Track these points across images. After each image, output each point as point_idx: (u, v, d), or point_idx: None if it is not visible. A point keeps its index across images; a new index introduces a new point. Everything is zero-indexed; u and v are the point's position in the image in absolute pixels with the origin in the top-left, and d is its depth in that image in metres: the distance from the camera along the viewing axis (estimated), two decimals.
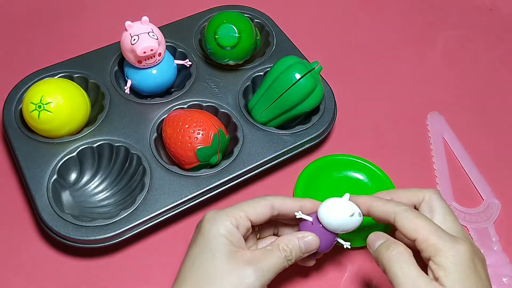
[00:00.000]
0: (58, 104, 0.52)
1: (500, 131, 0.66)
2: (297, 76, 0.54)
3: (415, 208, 0.46)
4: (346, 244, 0.47)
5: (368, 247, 0.45)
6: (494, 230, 0.56)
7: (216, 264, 0.42)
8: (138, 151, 0.55)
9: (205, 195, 0.53)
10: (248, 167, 0.55)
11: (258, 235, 0.49)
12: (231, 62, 0.61)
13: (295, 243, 0.45)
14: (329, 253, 0.54)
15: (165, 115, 0.57)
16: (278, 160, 0.57)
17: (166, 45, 0.59)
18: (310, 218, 0.46)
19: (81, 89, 0.56)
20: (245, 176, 0.55)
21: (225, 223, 0.44)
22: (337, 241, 0.47)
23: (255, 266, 0.42)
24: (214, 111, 0.59)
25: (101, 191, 0.56)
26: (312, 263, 0.49)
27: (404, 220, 0.43)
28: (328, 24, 0.76)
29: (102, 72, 0.61)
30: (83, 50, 0.63)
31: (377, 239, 0.45)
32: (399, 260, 0.42)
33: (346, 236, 0.47)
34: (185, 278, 0.43)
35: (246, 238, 0.46)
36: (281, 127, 0.59)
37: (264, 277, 0.42)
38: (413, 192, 0.47)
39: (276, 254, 0.44)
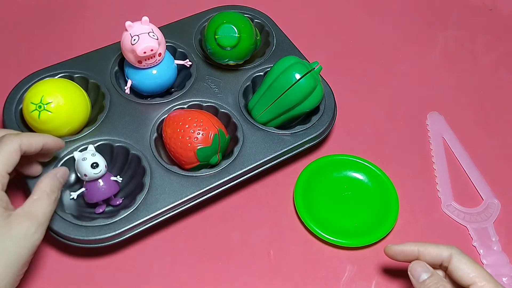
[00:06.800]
0: (58, 104, 0.52)
1: (500, 131, 0.66)
2: (297, 76, 0.54)
3: (441, 265, 0.48)
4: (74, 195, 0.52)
5: (410, 275, 0.47)
6: (494, 230, 0.57)
7: None
8: (138, 151, 0.55)
9: (205, 195, 0.53)
10: (248, 167, 0.55)
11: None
12: (231, 62, 0.61)
13: (57, 183, 0.47)
14: (329, 253, 0.54)
15: (165, 115, 0.57)
16: (278, 160, 0.57)
17: (166, 45, 0.59)
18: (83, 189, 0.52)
19: (81, 89, 0.56)
20: (245, 176, 0.55)
21: None
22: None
23: (35, 220, 0.43)
24: (214, 111, 0.59)
25: None
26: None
27: (460, 263, 0.46)
28: (328, 24, 0.76)
29: (102, 72, 0.61)
30: (83, 50, 0.63)
31: (422, 271, 0.47)
32: None
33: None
34: None
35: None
36: (281, 127, 0.59)
37: (45, 225, 0.44)
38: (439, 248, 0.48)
39: (47, 202, 0.45)
